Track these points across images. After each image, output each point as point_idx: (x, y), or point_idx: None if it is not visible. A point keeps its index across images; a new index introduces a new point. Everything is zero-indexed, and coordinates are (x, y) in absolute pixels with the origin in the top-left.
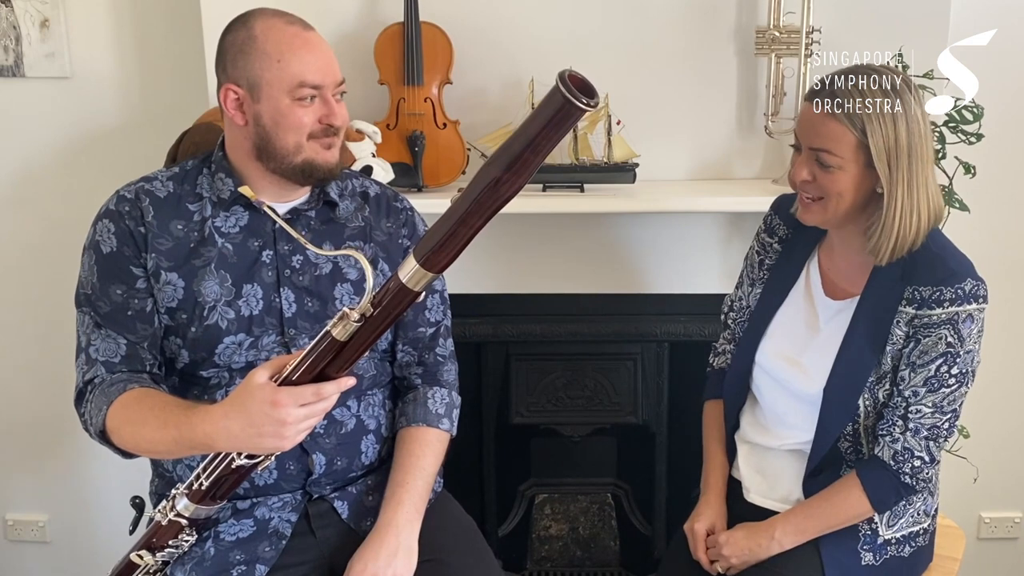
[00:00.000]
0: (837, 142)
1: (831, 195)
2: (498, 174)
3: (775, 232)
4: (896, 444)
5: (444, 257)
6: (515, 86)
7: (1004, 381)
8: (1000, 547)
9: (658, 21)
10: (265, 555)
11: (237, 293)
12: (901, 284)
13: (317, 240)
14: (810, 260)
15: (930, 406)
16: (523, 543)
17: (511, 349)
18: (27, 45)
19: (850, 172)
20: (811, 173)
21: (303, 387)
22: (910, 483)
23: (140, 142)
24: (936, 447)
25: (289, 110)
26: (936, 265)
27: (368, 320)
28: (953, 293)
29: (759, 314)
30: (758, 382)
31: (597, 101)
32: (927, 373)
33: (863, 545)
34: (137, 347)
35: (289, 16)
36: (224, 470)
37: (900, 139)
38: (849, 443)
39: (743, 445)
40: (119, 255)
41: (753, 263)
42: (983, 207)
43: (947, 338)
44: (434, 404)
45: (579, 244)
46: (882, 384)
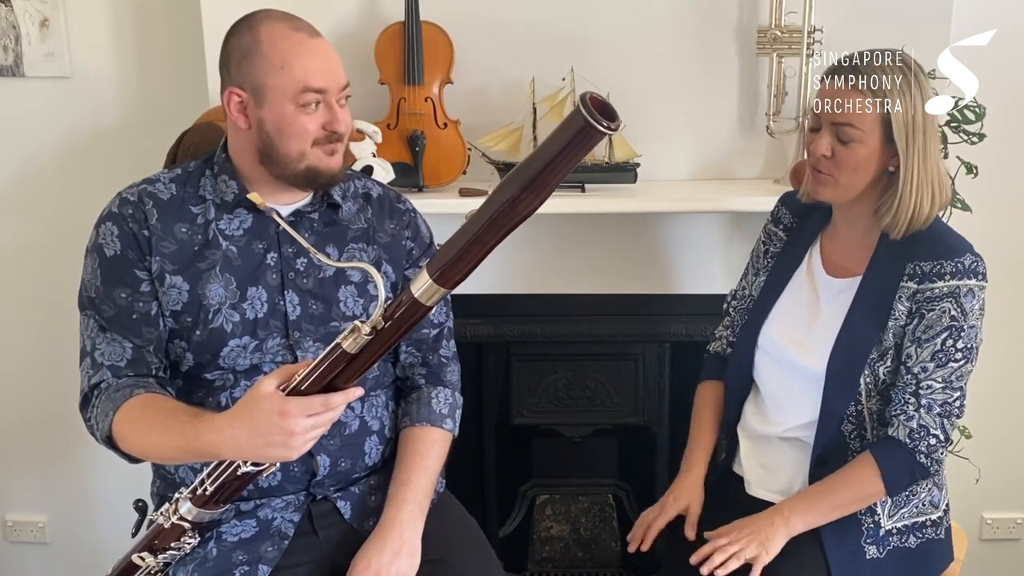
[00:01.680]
0: (860, 115)
1: (846, 169)
2: (515, 193)
3: (781, 221)
4: (911, 422)
5: (458, 273)
6: (516, 86)
7: (1006, 381)
8: (1002, 548)
9: (659, 21)
10: (268, 555)
11: (242, 296)
12: (903, 261)
13: (320, 242)
14: (813, 245)
15: (940, 381)
16: (524, 544)
17: (512, 350)
18: (27, 45)
19: (869, 146)
20: (831, 148)
21: (311, 397)
22: (925, 463)
23: (140, 142)
24: (950, 425)
25: (293, 117)
26: (936, 242)
27: (379, 333)
28: (953, 267)
29: (762, 299)
30: (760, 366)
31: (618, 124)
32: (934, 347)
33: (866, 539)
34: (143, 351)
35: (295, 21)
36: (229, 476)
37: (917, 115)
38: (853, 426)
39: (745, 439)
40: (123, 258)
41: (758, 253)
42: (985, 207)
43: (950, 311)
44: (438, 404)
45: (580, 244)
46: (883, 361)
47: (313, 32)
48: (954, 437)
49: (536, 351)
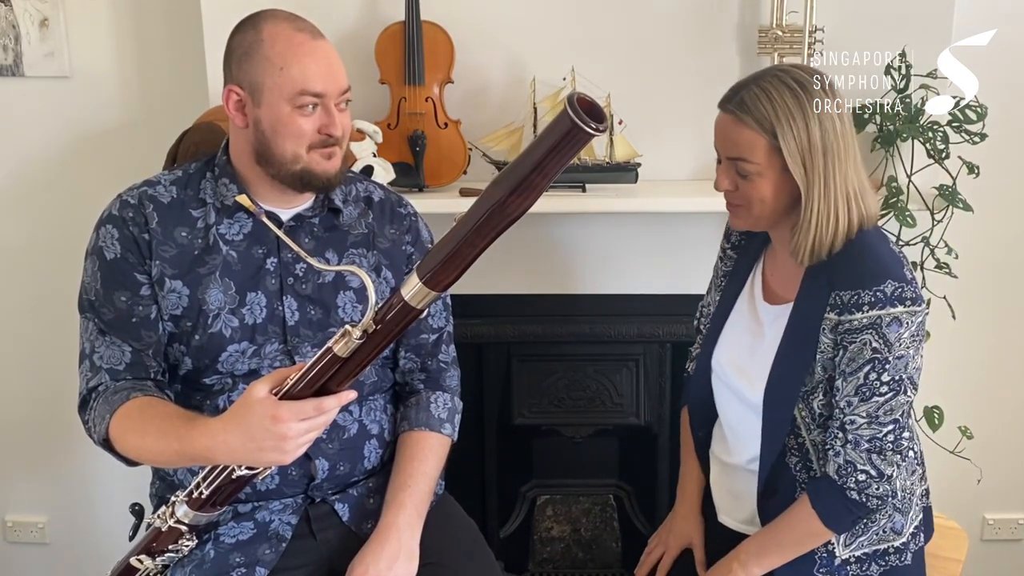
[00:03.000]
0: (751, 149)
1: (754, 201)
2: (504, 195)
3: (730, 237)
4: (838, 458)
5: (448, 276)
6: (517, 85)
7: (1008, 381)
8: (1004, 549)
9: (660, 20)
10: (265, 558)
11: (241, 301)
12: (827, 289)
13: (320, 247)
14: (756, 265)
15: (864, 416)
16: (525, 545)
17: (513, 350)
18: (26, 44)
19: (769, 177)
20: (732, 183)
21: (304, 402)
22: (858, 499)
23: (140, 142)
24: (883, 460)
25: (289, 118)
26: (857, 268)
27: (370, 337)
28: (872, 296)
29: (715, 321)
30: (716, 390)
31: (607, 126)
32: (857, 381)
33: (819, 568)
34: (142, 354)
35: (299, 22)
36: (224, 480)
37: (813, 139)
38: (797, 458)
39: (715, 464)
40: (123, 261)
41: (717, 269)
42: (987, 207)
43: (872, 343)
44: (436, 409)
45: (581, 244)
46: (816, 394)
47: (316, 34)
48: (903, 450)
49: (537, 351)
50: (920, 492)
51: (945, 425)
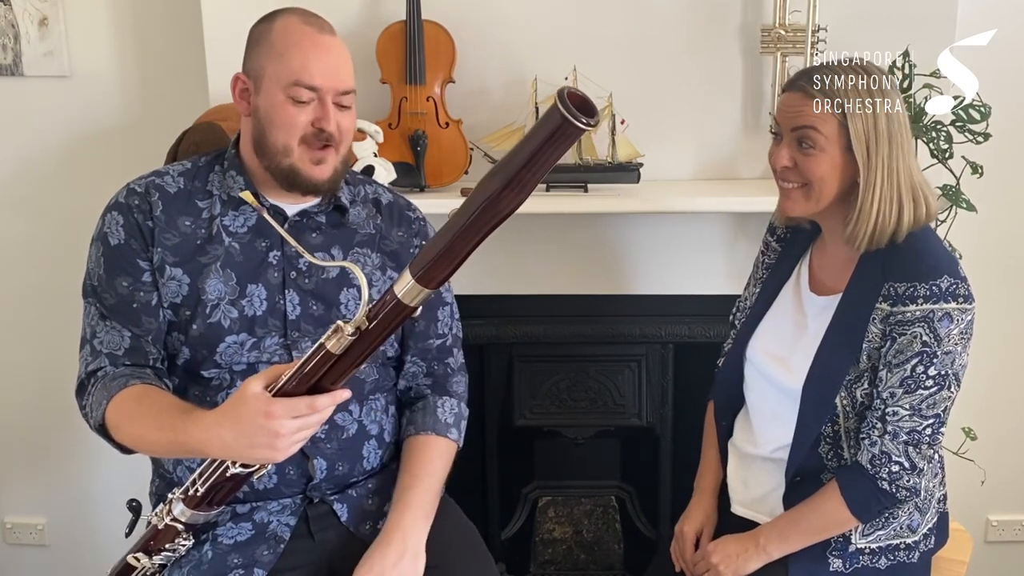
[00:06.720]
0: (821, 120)
1: (813, 180)
2: (496, 191)
3: (775, 231)
4: (874, 448)
5: (440, 273)
6: (518, 85)
7: (1012, 381)
8: (1008, 550)
9: (663, 19)
10: (263, 559)
11: (241, 292)
12: (880, 280)
13: (327, 243)
14: (803, 258)
15: (907, 408)
16: (526, 546)
17: (514, 351)
18: (26, 44)
19: (830, 153)
20: (792, 158)
21: (297, 399)
22: (888, 490)
23: (140, 142)
24: (917, 453)
25: (282, 107)
26: (914, 261)
27: (363, 334)
28: (927, 290)
29: (754, 312)
30: (748, 380)
31: (597, 120)
32: (903, 373)
33: (832, 551)
34: (141, 340)
35: (310, 17)
36: (219, 478)
37: (879, 125)
38: (829, 446)
39: (733, 454)
40: (126, 247)
41: (757, 264)
42: (990, 207)
43: (922, 336)
44: (443, 413)
45: (583, 245)
46: (860, 383)
47: (324, 30)
48: (937, 445)
49: (539, 352)
50: (939, 496)
51: (949, 427)
